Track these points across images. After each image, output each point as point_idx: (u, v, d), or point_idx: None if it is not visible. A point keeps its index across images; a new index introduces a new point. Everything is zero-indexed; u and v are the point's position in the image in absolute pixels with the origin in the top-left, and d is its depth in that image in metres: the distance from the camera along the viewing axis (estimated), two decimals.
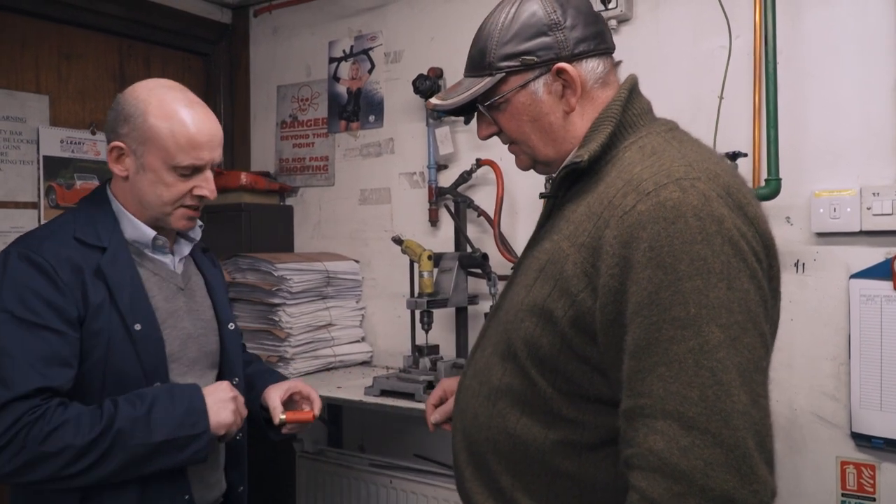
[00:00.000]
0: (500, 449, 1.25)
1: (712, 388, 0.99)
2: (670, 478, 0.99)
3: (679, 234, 1.03)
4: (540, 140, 1.29)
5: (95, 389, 1.56)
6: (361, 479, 2.70)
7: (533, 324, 1.19)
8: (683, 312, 1.01)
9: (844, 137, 2.07)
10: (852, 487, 2.06)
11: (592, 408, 1.16)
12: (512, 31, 1.25)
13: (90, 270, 1.56)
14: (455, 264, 2.48)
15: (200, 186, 1.61)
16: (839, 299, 2.07)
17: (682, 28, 2.32)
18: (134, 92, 1.60)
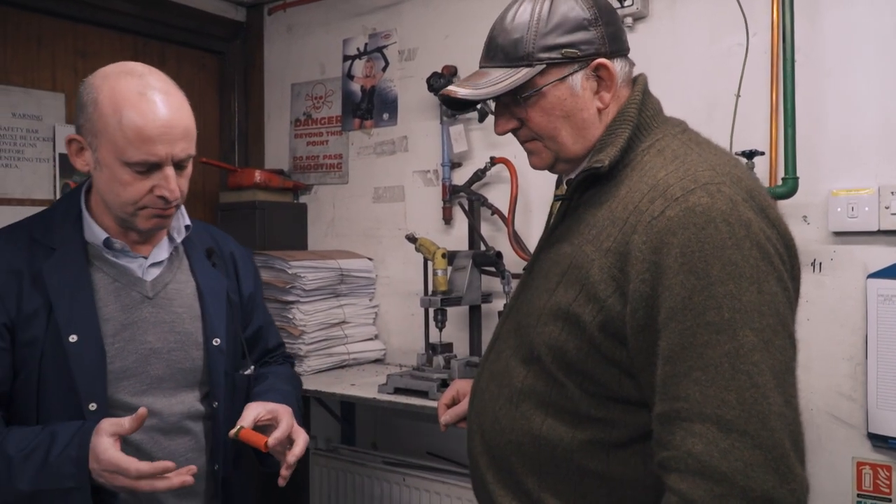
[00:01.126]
0: (524, 451, 1.24)
1: (749, 390, 1.00)
2: (711, 479, 1.00)
3: (710, 239, 1.04)
4: (570, 136, 1.26)
5: (31, 407, 1.43)
6: (374, 476, 2.70)
7: (558, 328, 1.19)
8: (717, 317, 1.02)
9: (862, 136, 2.05)
10: (868, 488, 2.04)
11: (621, 407, 1.17)
12: (552, 23, 1.22)
13: (30, 274, 1.44)
14: (469, 262, 2.48)
15: (160, 186, 1.41)
16: (856, 299, 2.06)
17: (698, 25, 2.31)
18: (91, 79, 1.44)
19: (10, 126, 2.67)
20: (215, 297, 1.62)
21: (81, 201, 1.53)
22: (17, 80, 2.69)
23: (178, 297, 1.58)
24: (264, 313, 1.83)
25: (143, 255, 1.56)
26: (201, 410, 1.58)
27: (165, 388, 1.52)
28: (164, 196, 1.43)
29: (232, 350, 1.65)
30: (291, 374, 1.84)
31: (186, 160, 1.46)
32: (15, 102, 2.68)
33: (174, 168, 1.43)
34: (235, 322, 1.67)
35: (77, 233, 1.50)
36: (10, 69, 2.67)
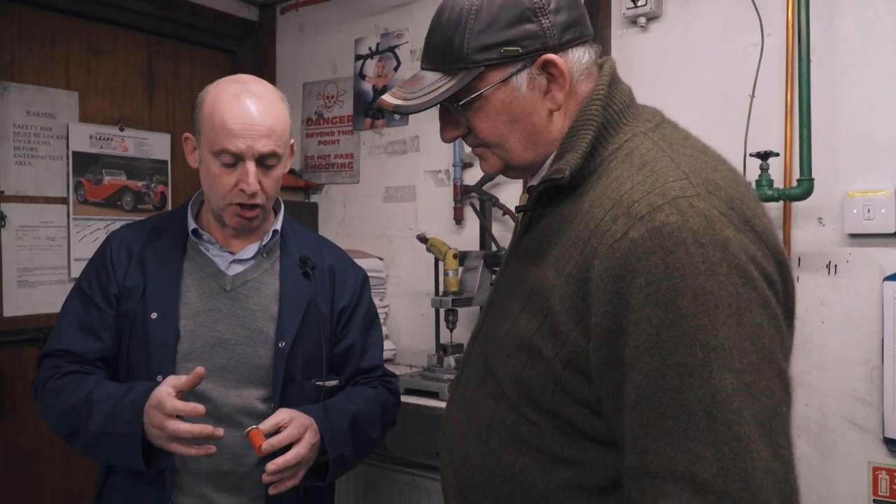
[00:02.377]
0: (497, 494, 1.08)
1: (728, 444, 0.85)
2: None
3: (679, 264, 0.89)
4: (519, 143, 1.11)
5: (121, 369, 1.63)
6: (384, 476, 2.70)
7: (521, 362, 1.04)
8: (689, 357, 0.87)
9: (879, 137, 2.03)
10: (884, 494, 2.02)
11: (597, 448, 1.01)
12: (489, 18, 1.05)
13: (138, 255, 1.64)
14: (480, 263, 2.47)
15: (241, 180, 1.54)
16: (873, 302, 2.03)
17: (712, 25, 2.29)
18: (207, 86, 1.63)
19: (24, 124, 2.68)
20: (294, 302, 1.66)
21: (190, 202, 1.73)
22: (31, 78, 2.70)
23: (256, 296, 1.66)
24: (363, 333, 1.79)
25: (232, 251, 1.68)
26: (259, 409, 1.60)
27: (227, 378, 1.60)
28: (244, 189, 1.55)
29: (309, 358, 1.67)
30: (371, 396, 1.75)
31: (270, 158, 1.57)
32: (29, 100, 2.69)
33: (259, 166, 1.56)
34: (320, 332, 1.68)
35: (181, 225, 1.69)
36: (24, 67, 2.68)
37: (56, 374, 1.58)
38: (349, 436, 1.62)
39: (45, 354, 1.64)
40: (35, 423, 2.64)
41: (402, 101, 1.11)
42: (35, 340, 2.67)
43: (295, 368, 1.64)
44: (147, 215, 2.90)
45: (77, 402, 1.52)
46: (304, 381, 1.66)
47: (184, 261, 1.65)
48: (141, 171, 3.00)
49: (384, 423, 1.78)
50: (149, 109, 3.06)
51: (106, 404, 1.49)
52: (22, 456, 2.64)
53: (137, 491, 1.57)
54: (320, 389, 1.67)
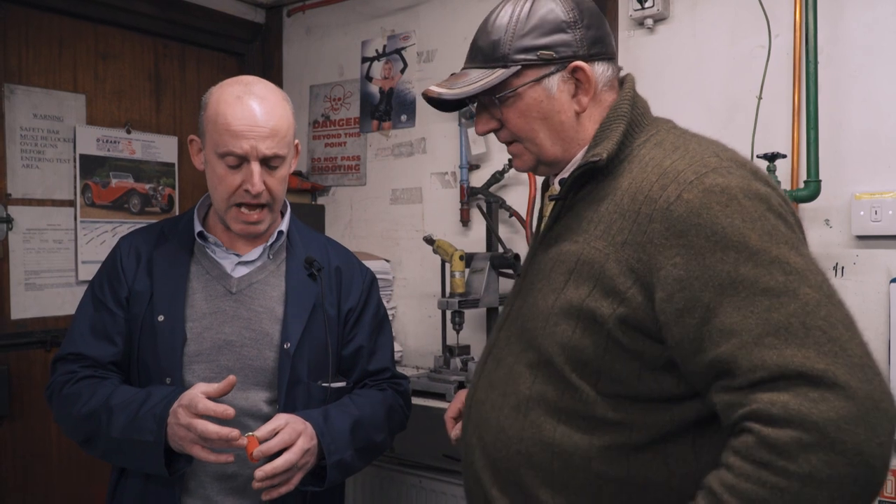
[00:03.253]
0: (535, 462, 1.18)
1: (827, 344, 0.97)
2: (800, 428, 0.94)
3: (738, 213, 1.03)
4: (548, 138, 1.26)
5: (133, 371, 1.64)
6: (391, 478, 2.70)
7: (570, 327, 1.15)
8: (773, 281, 1.00)
9: (886, 138, 2.03)
10: (890, 495, 2.01)
11: (639, 407, 1.13)
12: (530, 25, 1.22)
13: (146, 259, 1.66)
14: (486, 265, 2.47)
15: (245, 181, 1.55)
16: (880, 304, 2.03)
17: (719, 27, 2.29)
18: (211, 88, 1.64)
19: (32, 127, 2.69)
20: (300, 304, 1.66)
21: (198, 204, 1.73)
22: (38, 81, 2.71)
23: (261, 298, 1.66)
24: (371, 335, 1.79)
25: (238, 254, 1.68)
26: (264, 411, 1.60)
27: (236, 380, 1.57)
28: (248, 189, 1.56)
29: (315, 360, 1.67)
30: (378, 399, 1.74)
31: (274, 160, 1.57)
32: (36, 103, 2.70)
33: (263, 167, 1.57)
34: (327, 334, 1.68)
35: (188, 228, 1.70)
36: (31, 70, 2.70)
37: (71, 379, 1.58)
38: (350, 440, 1.61)
39: (59, 359, 1.64)
40: (43, 423, 2.66)
41: (446, 90, 1.26)
42: (42, 343, 2.69)
43: (301, 370, 1.63)
44: (154, 218, 2.92)
45: (95, 407, 1.52)
46: (311, 382, 1.65)
47: (191, 264, 1.66)
48: (148, 173, 3.01)
49: (391, 427, 1.76)
50: (156, 112, 3.07)
51: (126, 410, 1.49)
52: (30, 457, 2.65)
53: (148, 493, 1.58)
54: (327, 391, 1.66)
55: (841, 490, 0.93)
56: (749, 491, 0.97)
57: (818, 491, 0.93)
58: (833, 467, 0.93)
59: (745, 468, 0.98)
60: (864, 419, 0.93)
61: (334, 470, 1.58)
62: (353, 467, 1.66)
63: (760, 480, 0.96)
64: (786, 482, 0.94)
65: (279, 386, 1.61)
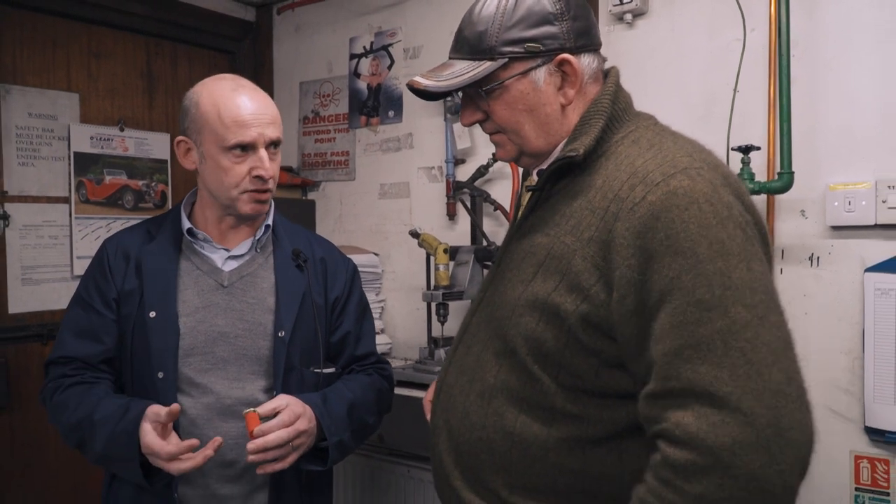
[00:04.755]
0: (495, 448, 1.21)
1: (743, 367, 0.97)
2: (696, 451, 0.97)
3: (694, 219, 1.03)
4: (532, 131, 1.25)
5: (125, 370, 1.67)
6: (381, 468, 2.74)
7: (535, 319, 1.17)
8: (708, 294, 1.00)
9: (860, 130, 2.05)
10: (866, 482, 2.05)
11: (596, 402, 1.15)
12: (517, 17, 1.21)
13: (134, 259, 1.68)
14: (471, 257, 2.50)
15: (256, 167, 1.61)
16: (854, 293, 2.06)
17: (697, 21, 2.32)
18: (192, 89, 1.68)
19: (27, 126, 2.74)
20: (290, 294, 1.72)
21: (182, 202, 1.77)
22: (32, 80, 2.76)
23: (252, 289, 1.71)
24: (356, 322, 1.86)
25: (227, 248, 1.72)
26: (261, 400, 1.64)
27: (229, 370, 1.65)
28: (261, 175, 1.62)
29: (306, 347, 1.72)
30: (367, 382, 1.81)
31: (276, 143, 1.66)
32: (31, 102, 2.75)
33: (267, 151, 1.63)
34: (316, 322, 1.73)
35: (175, 226, 1.73)
36: (26, 70, 2.74)
37: (60, 385, 1.62)
38: (347, 422, 1.67)
39: (50, 362, 1.68)
40: (41, 415, 2.69)
41: (434, 82, 1.25)
42: (39, 336, 2.74)
43: (294, 357, 1.69)
44: (148, 214, 2.97)
45: (80, 419, 1.57)
46: (304, 369, 1.71)
47: (180, 260, 1.69)
48: (141, 170, 3.05)
49: (380, 409, 1.84)
50: (149, 110, 3.11)
51: (106, 427, 1.53)
52: (28, 448, 2.70)
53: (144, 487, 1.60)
54: (318, 377, 1.71)
55: None
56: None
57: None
58: (724, 490, 0.95)
59: (653, 484, 1.02)
60: (762, 446, 0.94)
61: (335, 450, 1.65)
62: (350, 448, 1.73)
63: (661, 497, 1.01)
64: (681, 500, 0.98)
65: (275, 373, 1.66)
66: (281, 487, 1.67)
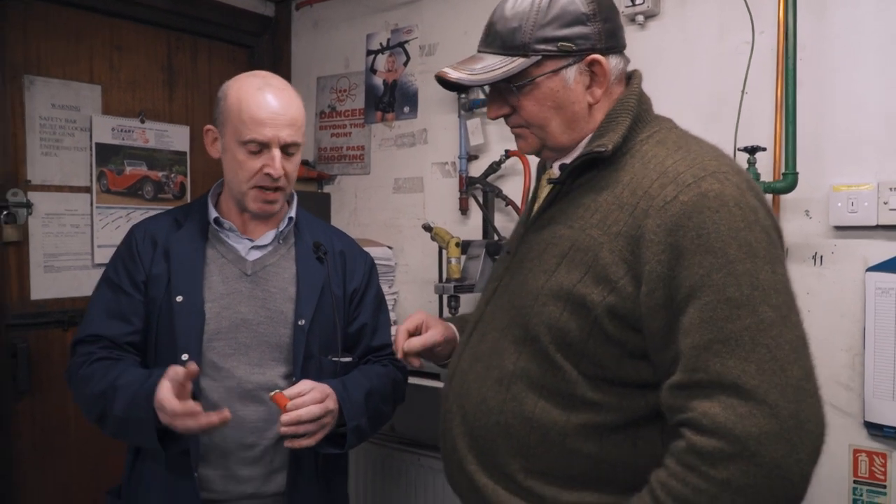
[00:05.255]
0: (512, 433, 1.25)
1: (769, 363, 1.03)
2: (724, 440, 1.03)
3: (725, 221, 1.09)
4: (559, 127, 1.28)
5: (150, 352, 1.73)
6: (391, 456, 2.80)
7: (559, 309, 1.20)
8: (737, 293, 1.06)
9: (864, 133, 2.10)
10: (864, 475, 2.10)
11: (617, 391, 1.19)
12: (551, 15, 1.23)
13: (162, 245, 1.74)
14: (482, 251, 2.56)
15: (267, 165, 1.66)
16: (855, 292, 2.11)
17: (707, 24, 2.36)
18: (226, 82, 1.74)
19: (50, 116, 2.80)
20: (310, 285, 1.78)
21: (209, 193, 1.83)
22: (56, 72, 2.82)
23: (275, 279, 1.77)
24: (373, 314, 1.92)
25: (251, 239, 1.79)
26: (280, 385, 1.69)
27: (251, 356, 1.71)
28: (269, 173, 1.67)
29: (325, 336, 1.78)
30: (382, 372, 1.87)
31: (292, 146, 1.70)
32: (54, 94, 2.81)
33: (282, 153, 1.68)
34: (335, 312, 1.80)
35: (202, 215, 1.80)
36: (50, 62, 2.81)
37: (87, 360, 1.67)
38: (364, 408, 1.73)
39: (77, 341, 1.73)
40: (62, 399, 2.78)
41: (467, 74, 1.27)
42: (60, 322, 2.81)
43: (313, 346, 1.75)
44: (167, 204, 3.04)
45: (105, 387, 1.61)
46: (322, 357, 1.77)
47: (206, 248, 1.75)
48: (161, 161, 3.12)
49: (395, 398, 1.90)
50: (169, 102, 3.18)
51: (128, 390, 1.58)
52: (49, 431, 2.77)
53: (166, 467, 1.67)
54: (336, 365, 1.77)
55: (757, 498, 1.02)
56: (677, 489, 1.07)
57: (735, 496, 1.03)
58: (749, 477, 1.02)
59: (676, 469, 1.08)
60: (784, 437, 1.02)
61: (353, 435, 1.70)
62: (366, 434, 1.78)
63: (686, 481, 1.06)
64: (706, 485, 1.04)
65: (294, 360, 1.72)
66: (299, 470, 1.73)
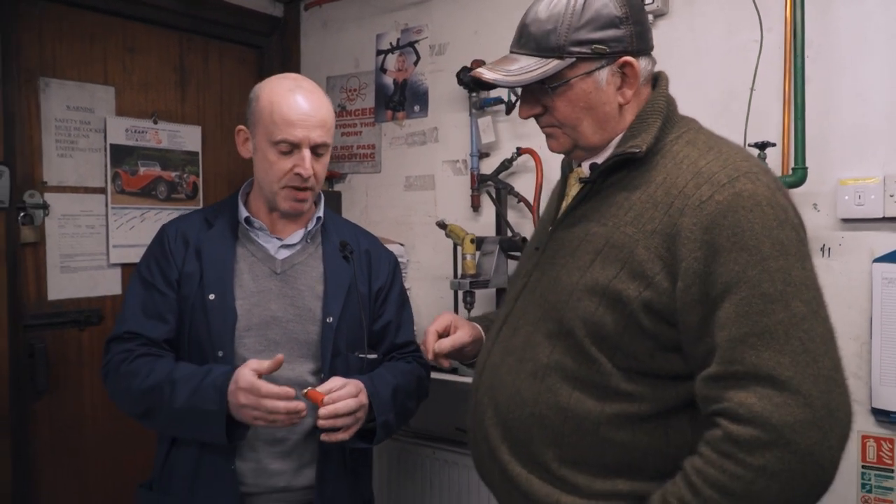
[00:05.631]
0: (547, 424, 1.29)
1: (802, 355, 1.09)
2: (761, 428, 1.08)
3: (759, 220, 1.14)
4: (590, 127, 1.32)
5: (183, 348, 1.78)
6: (407, 449, 2.85)
7: (594, 304, 1.24)
8: (771, 288, 1.11)
9: (870, 127, 2.15)
10: (872, 460, 2.16)
11: (649, 382, 1.24)
12: (585, 18, 1.26)
13: (194, 245, 1.77)
14: (496, 247, 2.61)
15: (298, 165, 1.71)
16: (862, 282, 2.16)
17: (715, 22, 2.41)
18: (258, 84, 1.80)
19: (65, 118, 2.83)
20: (337, 283, 1.83)
21: (239, 193, 1.88)
22: (71, 74, 2.85)
23: (303, 277, 1.83)
24: (398, 312, 1.98)
25: (280, 238, 1.83)
26: (310, 382, 1.75)
27: (281, 352, 1.71)
28: (300, 173, 1.72)
29: (352, 333, 1.83)
30: (407, 369, 1.91)
31: (322, 147, 1.76)
32: (69, 95, 2.84)
33: (312, 153, 1.73)
34: (361, 310, 1.84)
35: (232, 214, 1.84)
36: (65, 64, 2.84)
37: (128, 357, 1.71)
38: (392, 404, 1.77)
39: (112, 339, 1.76)
40: (78, 398, 2.82)
41: (503, 76, 1.31)
42: (76, 322, 2.84)
43: (340, 342, 1.80)
44: (180, 204, 3.08)
45: (158, 382, 1.65)
46: (349, 354, 1.81)
47: (236, 247, 1.80)
48: (174, 161, 3.15)
49: (419, 395, 1.95)
50: (181, 103, 3.21)
51: (189, 383, 1.62)
52: (66, 430, 2.80)
53: (203, 461, 1.71)
54: (363, 362, 1.82)
55: (791, 483, 1.08)
56: (713, 475, 1.12)
57: (770, 482, 1.08)
58: (785, 463, 1.07)
59: (712, 456, 1.13)
60: (817, 425, 1.07)
61: (381, 430, 1.75)
62: (394, 428, 1.83)
63: (722, 468, 1.11)
64: (742, 471, 1.09)
65: (323, 357, 1.77)
66: (327, 464, 1.78)
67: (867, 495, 2.15)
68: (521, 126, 2.76)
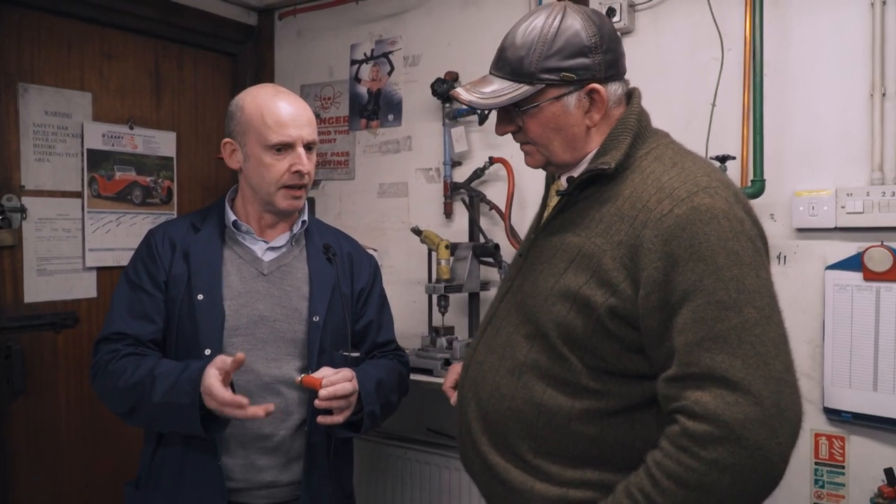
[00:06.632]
0: (522, 417, 1.37)
1: (753, 358, 1.16)
2: (713, 424, 1.15)
3: (714, 232, 1.21)
4: (560, 146, 1.41)
5: (171, 348, 1.83)
6: (379, 450, 2.91)
7: (566, 308, 1.33)
8: (726, 296, 1.18)
9: (823, 142, 2.28)
10: (824, 457, 2.28)
11: (616, 380, 1.32)
12: (556, 47, 1.33)
13: (181, 248, 1.82)
14: (469, 253, 2.68)
15: (295, 163, 1.80)
16: (816, 288, 2.28)
17: (679, 40, 2.52)
18: (236, 97, 1.88)
19: (43, 123, 2.85)
20: (322, 284, 1.90)
21: (226, 198, 1.94)
22: (49, 80, 2.87)
23: (289, 278, 1.89)
24: (378, 312, 2.06)
25: (266, 241, 1.90)
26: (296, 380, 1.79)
27: (268, 351, 1.82)
28: (299, 170, 1.80)
29: (336, 332, 1.90)
30: (389, 366, 2.01)
31: (312, 144, 1.85)
32: (47, 101, 2.86)
33: (305, 151, 1.82)
34: (344, 309, 1.92)
35: (219, 218, 1.90)
36: (43, 70, 2.85)
37: (115, 356, 1.76)
38: (376, 396, 1.86)
39: (101, 340, 1.81)
40: (53, 400, 2.83)
41: (477, 98, 1.40)
42: (52, 325, 2.85)
43: (325, 341, 1.87)
44: (155, 209, 3.12)
45: (140, 378, 1.70)
46: (333, 352, 1.89)
47: (224, 249, 1.86)
48: (149, 167, 3.18)
49: (401, 390, 2.04)
50: (156, 109, 3.24)
51: (168, 378, 1.68)
52: (43, 433, 2.81)
53: (188, 457, 1.76)
54: (347, 360, 1.89)
55: (741, 476, 1.16)
56: (670, 467, 1.21)
57: (721, 474, 1.17)
58: (735, 457, 1.15)
59: (670, 450, 1.22)
60: (767, 422, 1.15)
61: (368, 419, 1.84)
62: (379, 420, 1.91)
63: (679, 461, 1.20)
64: (697, 464, 1.18)
65: (309, 355, 1.84)
66: (313, 460, 1.85)
67: (819, 490, 2.27)
68: (493, 136, 2.84)
